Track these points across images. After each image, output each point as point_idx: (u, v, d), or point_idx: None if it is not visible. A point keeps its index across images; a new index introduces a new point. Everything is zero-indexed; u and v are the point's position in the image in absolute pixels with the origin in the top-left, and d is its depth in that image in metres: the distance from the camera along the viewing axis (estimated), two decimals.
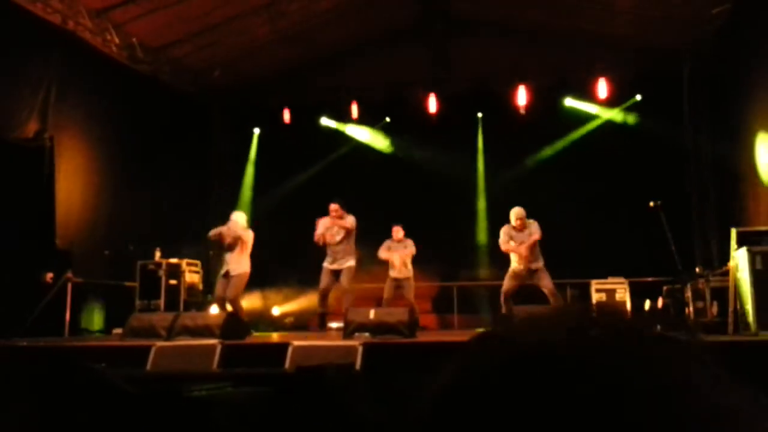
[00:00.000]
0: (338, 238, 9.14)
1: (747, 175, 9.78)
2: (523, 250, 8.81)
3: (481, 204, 13.33)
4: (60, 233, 9.79)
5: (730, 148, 10.49)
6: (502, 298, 8.91)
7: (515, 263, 8.97)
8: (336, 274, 9.17)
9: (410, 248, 10.05)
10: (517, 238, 8.91)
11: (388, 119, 13.80)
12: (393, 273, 10.00)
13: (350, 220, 9.14)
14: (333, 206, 9.15)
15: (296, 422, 3.69)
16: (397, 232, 10.13)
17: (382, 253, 10.03)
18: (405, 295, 9.98)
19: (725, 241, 7.92)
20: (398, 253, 10.01)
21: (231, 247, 8.84)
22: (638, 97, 12.59)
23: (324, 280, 9.18)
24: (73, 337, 8.55)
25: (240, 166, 14.40)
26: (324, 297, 9.21)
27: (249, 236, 8.93)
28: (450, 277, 12.43)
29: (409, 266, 10.10)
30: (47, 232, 9.63)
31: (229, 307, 8.64)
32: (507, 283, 8.97)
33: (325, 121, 13.96)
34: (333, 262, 9.18)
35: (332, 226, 9.18)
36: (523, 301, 8.89)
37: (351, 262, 9.17)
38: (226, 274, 8.79)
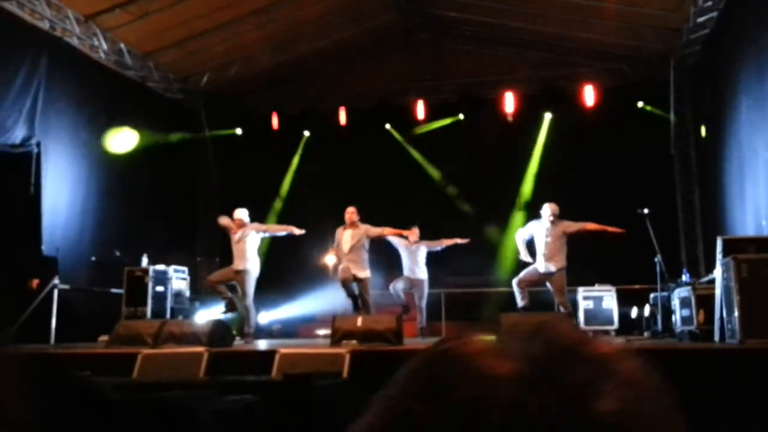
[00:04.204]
0: (346, 247, 8.85)
1: (730, 182, 9.84)
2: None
3: (467, 208, 13.28)
4: (46, 239, 9.72)
5: (715, 155, 10.56)
6: (517, 287, 8.59)
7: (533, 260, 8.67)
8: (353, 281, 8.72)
9: (423, 249, 10.12)
10: (545, 235, 8.62)
11: (388, 126, 13.77)
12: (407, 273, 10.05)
13: (364, 229, 8.89)
14: (350, 209, 8.95)
15: (283, 430, 3.67)
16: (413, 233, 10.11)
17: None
18: (417, 299, 10.12)
19: (711, 249, 7.95)
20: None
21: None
22: (640, 104, 12.56)
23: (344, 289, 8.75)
24: (59, 344, 8.46)
25: (228, 171, 14.31)
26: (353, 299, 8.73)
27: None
28: (437, 283, 12.38)
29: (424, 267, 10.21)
30: (33, 238, 9.56)
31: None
32: (524, 274, 8.68)
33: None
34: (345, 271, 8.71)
35: (343, 233, 8.91)
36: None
37: (364, 274, 8.79)
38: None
